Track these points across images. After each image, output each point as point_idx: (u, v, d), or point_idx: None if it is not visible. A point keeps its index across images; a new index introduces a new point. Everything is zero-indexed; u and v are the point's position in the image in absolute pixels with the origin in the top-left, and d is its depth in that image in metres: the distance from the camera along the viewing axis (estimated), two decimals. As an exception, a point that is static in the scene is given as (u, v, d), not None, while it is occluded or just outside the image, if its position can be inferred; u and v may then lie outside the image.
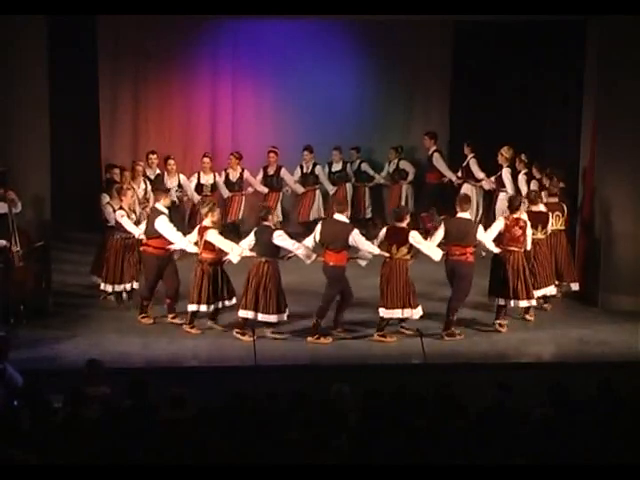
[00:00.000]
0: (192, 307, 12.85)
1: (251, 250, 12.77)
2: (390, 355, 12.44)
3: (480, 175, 16.88)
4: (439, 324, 12.97)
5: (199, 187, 16.51)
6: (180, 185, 16.21)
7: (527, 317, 13.56)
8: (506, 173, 16.28)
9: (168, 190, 14.76)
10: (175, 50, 17.32)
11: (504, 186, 16.31)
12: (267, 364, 11.79)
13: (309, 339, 12.73)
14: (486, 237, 12.87)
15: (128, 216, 13.70)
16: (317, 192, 17.35)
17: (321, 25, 16.96)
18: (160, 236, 13.02)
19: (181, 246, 12.96)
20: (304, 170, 17.21)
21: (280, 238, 12.63)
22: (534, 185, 15.40)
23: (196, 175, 16.58)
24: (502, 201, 15.93)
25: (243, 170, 16.86)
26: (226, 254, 12.80)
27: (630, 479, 7.44)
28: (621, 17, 13.22)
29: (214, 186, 16.59)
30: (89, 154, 17.38)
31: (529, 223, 13.23)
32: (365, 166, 17.52)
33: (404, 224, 12.71)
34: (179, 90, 17.70)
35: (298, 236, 13.54)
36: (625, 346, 12.73)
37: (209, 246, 12.75)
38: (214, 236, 12.75)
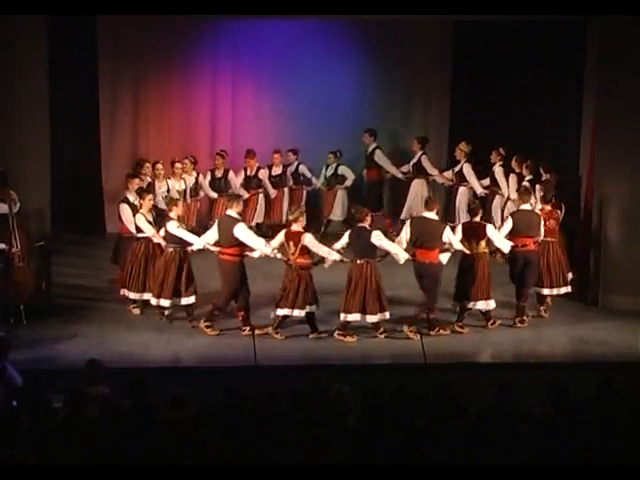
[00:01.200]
0: (283, 311, 12.67)
1: (341, 252, 12.77)
2: (390, 355, 12.45)
3: (434, 171, 17.05)
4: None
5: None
6: (169, 190, 16.03)
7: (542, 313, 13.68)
8: (467, 168, 16.57)
9: (240, 196, 14.59)
10: (175, 50, 17.31)
11: (464, 180, 16.56)
12: (267, 364, 11.79)
13: (432, 333, 12.85)
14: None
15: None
16: (260, 196, 17.10)
17: (321, 25, 16.95)
18: (240, 243, 12.75)
19: (265, 252, 12.64)
20: (247, 173, 16.96)
21: (378, 238, 12.64)
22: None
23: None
24: (462, 195, 16.51)
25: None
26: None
27: (630, 479, 7.44)
28: (621, 17, 13.22)
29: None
30: (89, 154, 17.38)
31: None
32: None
33: (478, 218, 13.10)
34: (179, 90, 17.69)
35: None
36: (625, 346, 12.73)
37: (305, 251, 12.63)
38: (312, 241, 12.68)
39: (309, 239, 12.65)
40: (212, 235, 12.99)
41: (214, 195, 16.75)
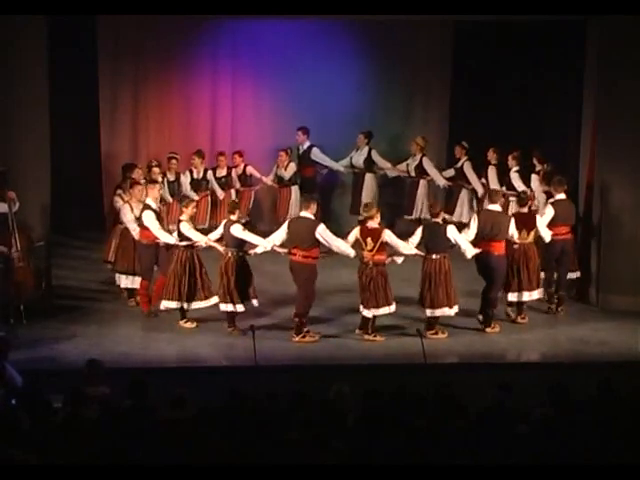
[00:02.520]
0: (374, 312, 12.68)
1: (418, 247, 12.82)
2: (390, 355, 12.45)
3: (387, 165, 17.13)
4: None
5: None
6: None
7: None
8: (427, 162, 16.86)
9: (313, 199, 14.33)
10: (175, 50, 17.30)
11: (426, 174, 16.85)
12: (267, 364, 11.79)
13: (488, 330, 13.06)
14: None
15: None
16: (207, 198, 16.90)
17: (321, 25, 16.94)
18: (319, 245, 12.64)
19: (349, 253, 12.55)
20: (194, 175, 16.67)
21: (453, 233, 12.78)
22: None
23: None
24: (424, 187, 16.96)
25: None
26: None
27: (630, 479, 7.44)
28: (621, 17, 13.23)
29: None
30: (89, 154, 17.38)
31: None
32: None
33: (526, 209, 13.50)
34: (179, 90, 17.68)
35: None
36: (625, 346, 12.73)
37: (383, 247, 12.59)
38: (391, 236, 12.69)
39: (389, 235, 12.64)
40: (280, 236, 12.86)
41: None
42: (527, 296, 13.41)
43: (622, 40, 13.73)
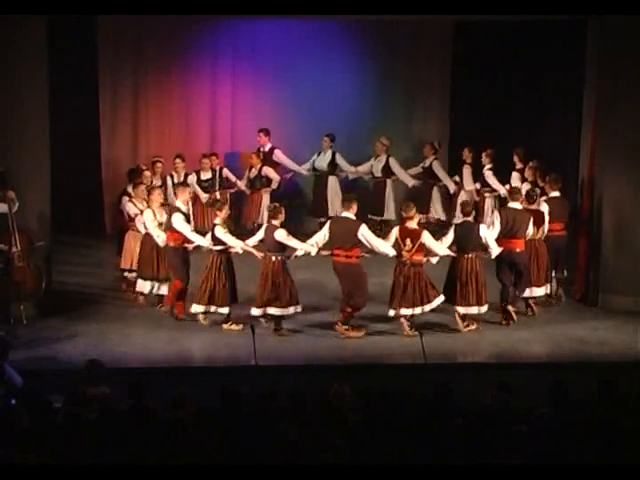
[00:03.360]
0: (408, 311, 12.77)
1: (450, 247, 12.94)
2: (390, 355, 12.45)
3: (350, 168, 17.18)
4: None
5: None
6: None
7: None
8: (393, 162, 16.99)
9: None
10: (175, 50, 17.32)
11: (392, 174, 17.04)
12: (267, 364, 11.79)
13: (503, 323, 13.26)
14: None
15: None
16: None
17: (321, 25, 16.96)
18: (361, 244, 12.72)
19: (390, 253, 12.61)
20: (175, 180, 16.37)
21: (485, 230, 12.99)
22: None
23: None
24: (391, 187, 17.13)
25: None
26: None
27: (630, 479, 7.44)
28: (621, 17, 13.22)
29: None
30: (89, 154, 17.38)
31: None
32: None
33: (534, 206, 13.67)
34: (179, 90, 17.69)
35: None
36: (625, 346, 12.73)
37: (421, 247, 12.68)
38: (429, 237, 12.76)
39: (427, 236, 12.74)
40: (322, 238, 12.83)
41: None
42: (537, 291, 13.68)
43: (622, 40, 13.73)
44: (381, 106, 17.86)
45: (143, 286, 13.75)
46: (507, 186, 15.77)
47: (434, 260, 12.85)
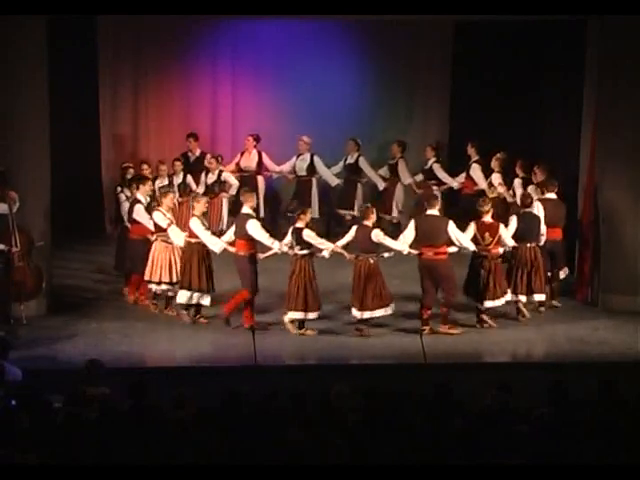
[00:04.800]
0: (494, 303, 13.14)
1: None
2: (390, 355, 12.45)
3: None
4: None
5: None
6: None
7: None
8: (362, 161, 16.99)
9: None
10: (175, 50, 17.32)
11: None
12: (267, 364, 11.79)
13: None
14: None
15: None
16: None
17: (321, 25, 16.96)
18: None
19: (471, 248, 12.89)
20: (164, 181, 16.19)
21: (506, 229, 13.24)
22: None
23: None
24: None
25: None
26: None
27: (630, 479, 7.44)
28: (621, 17, 13.22)
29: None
30: (89, 154, 17.38)
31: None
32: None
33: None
34: (179, 90, 17.70)
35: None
36: (625, 346, 12.73)
37: (499, 240, 13.03)
38: (505, 231, 13.08)
39: (503, 229, 13.10)
40: (410, 236, 12.84)
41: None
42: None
43: (622, 40, 13.73)
44: (381, 106, 17.86)
45: (186, 297, 13.18)
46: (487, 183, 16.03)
47: (500, 250, 13.11)
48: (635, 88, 13.72)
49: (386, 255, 12.81)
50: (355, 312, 12.76)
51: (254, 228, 12.87)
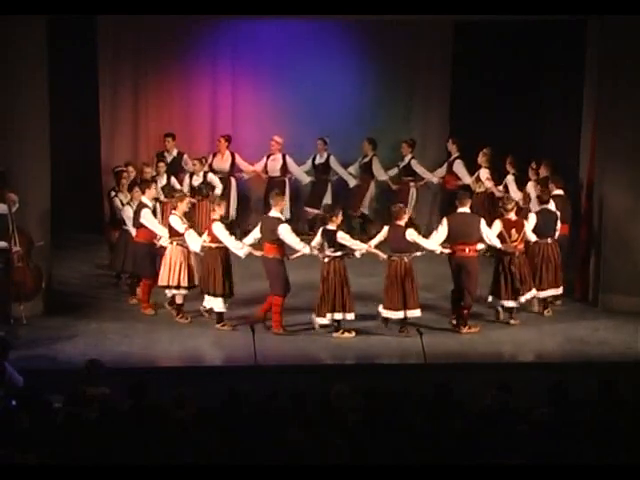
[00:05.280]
0: (530, 294, 13.46)
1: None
2: (390, 355, 12.45)
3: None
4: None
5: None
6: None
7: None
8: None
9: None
10: (175, 50, 17.31)
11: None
12: (267, 364, 11.79)
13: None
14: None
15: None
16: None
17: (321, 25, 16.95)
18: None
19: (498, 245, 13.12)
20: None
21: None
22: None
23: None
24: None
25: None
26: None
27: (630, 479, 7.44)
28: (621, 17, 13.22)
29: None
30: (89, 154, 17.38)
31: None
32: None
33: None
34: (179, 90, 17.69)
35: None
36: (625, 346, 12.73)
37: (524, 237, 13.25)
38: (529, 227, 13.30)
39: (528, 226, 13.35)
40: (442, 235, 12.93)
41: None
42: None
43: (622, 40, 13.73)
44: (381, 106, 17.86)
45: (216, 303, 12.98)
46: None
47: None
48: (635, 88, 13.72)
49: (418, 254, 12.87)
50: (388, 313, 12.77)
51: (286, 232, 12.79)
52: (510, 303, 13.32)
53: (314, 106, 17.40)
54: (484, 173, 16.23)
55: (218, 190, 16.19)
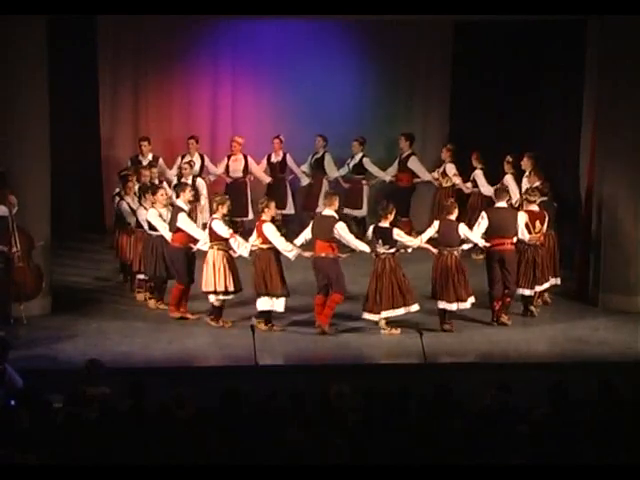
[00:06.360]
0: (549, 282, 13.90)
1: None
2: (390, 355, 12.46)
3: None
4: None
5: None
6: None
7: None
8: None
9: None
10: (175, 50, 17.32)
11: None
12: (267, 364, 11.79)
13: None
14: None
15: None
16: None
17: (321, 25, 16.97)
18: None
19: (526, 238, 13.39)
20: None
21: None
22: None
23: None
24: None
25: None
26: None
27: (630, 479, 7.44)
28: (621, 17, 13.23)
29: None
30: (89, 154, 17.38)
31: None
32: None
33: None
34: (179, 90, 17.70)
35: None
36: (625, 346, 12.73)
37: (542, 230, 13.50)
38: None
39: (548, 217, 13.61)
40: (484, 228, 13.21)
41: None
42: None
43: (622, 40, 13.73)
44: (381, 106, 17.86)
45: (278, 304, 12.87)
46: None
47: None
48: (635, 88, 13.72)
49: (465, 247, 13.27)
50: (445, 304, 12.98)
51: (344, 231, 12.80)
52: (527, 292, 13.57)
53: (314, 106, 17.41)
54: (450, 168, 16.59)
55: (203, 199, 15.95)
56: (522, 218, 13.38)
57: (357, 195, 17.09)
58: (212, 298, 13.04)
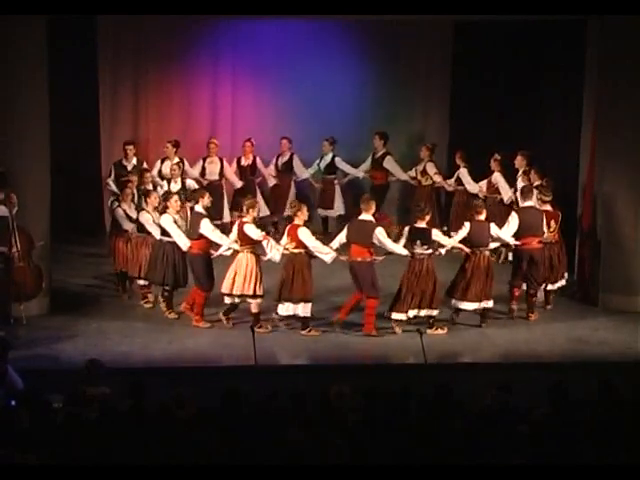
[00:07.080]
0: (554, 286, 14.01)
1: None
2: (390, 355, 12.46)
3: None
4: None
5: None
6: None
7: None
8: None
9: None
10: (175, 50, 17.29)
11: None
12: (267, 364, 11.79)
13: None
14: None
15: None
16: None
17: (321, 25, 16.95)
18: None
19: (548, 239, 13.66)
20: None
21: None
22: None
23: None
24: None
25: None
26: None
27: (630, 479, 7.44)
28: (621, 17, 13.23)
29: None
30: (89, 154, 17.37)
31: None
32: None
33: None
34: (179, 90, 17.68)
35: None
36: (625, 346, 12.74)
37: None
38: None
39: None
40: (514, 228, 13.31)
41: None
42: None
43: (622, 40, 13.73)
44: (381, 106, 17.85)
45: (306, 308, 12.75)
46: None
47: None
48: (635, 88, 13.72)
49: (493, 246, 13.44)
50: (466, 304, 13.07)
51: (382, 235, 12.73)
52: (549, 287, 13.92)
53: (314, 106, 17.40)
54: (430, 167, 16.73)
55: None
56: (514, 220, 13.33)
57: (330, 195, 17.12)
58: (227, 300, 12.94)
